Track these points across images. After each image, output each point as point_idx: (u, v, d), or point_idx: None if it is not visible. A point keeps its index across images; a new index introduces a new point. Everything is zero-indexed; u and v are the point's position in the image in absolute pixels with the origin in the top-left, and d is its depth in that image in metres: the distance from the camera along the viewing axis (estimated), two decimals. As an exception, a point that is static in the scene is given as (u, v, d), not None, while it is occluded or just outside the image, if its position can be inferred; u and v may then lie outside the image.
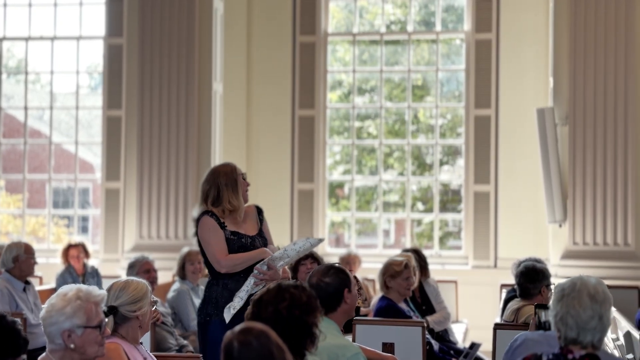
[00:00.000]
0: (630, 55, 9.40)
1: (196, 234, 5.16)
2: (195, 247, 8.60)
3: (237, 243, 5.09)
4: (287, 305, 3.26)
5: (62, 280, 8.94)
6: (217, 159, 10.37)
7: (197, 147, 10.21)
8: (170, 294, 7.70)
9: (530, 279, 5.76)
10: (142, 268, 7.24)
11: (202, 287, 7.93)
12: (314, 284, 4.13)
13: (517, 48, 10.91)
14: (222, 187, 5.18)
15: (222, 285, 5.05)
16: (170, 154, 10.19)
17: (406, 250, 8.47)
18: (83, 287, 3.48)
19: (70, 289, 3.46)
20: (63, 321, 3.37)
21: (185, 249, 8.05)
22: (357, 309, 7.16)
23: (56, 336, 3.39)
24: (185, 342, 6.90)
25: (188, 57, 10.20)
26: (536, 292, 5.71)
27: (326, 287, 4.11)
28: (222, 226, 5.09)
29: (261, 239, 5.22)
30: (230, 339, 2.74)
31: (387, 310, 6.67)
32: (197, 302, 7.63)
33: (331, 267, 4.24)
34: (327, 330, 3.72)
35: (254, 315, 3.29)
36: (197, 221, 5.12)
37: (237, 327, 2.78)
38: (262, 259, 5.00)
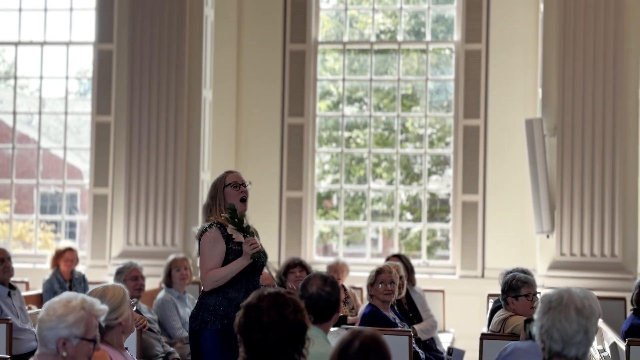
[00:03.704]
0: (618, 67, 9.45)
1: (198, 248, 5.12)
2: (182, 254, 8.61)
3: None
4: (292, 310, 3.27)
5: (49, 285, 8.92)
6: (205, 166, 10.36)
7: (186, 153, 10.20)
8: (155, 302, 7.67)
9: (502, 289, 5.85)
10: (129, 275, 7.21)
11: (190, 295, 7.93)
12: (314, 293, 4.14)
13: (506, 59, 10.95)
14: (210, 200, 5.16)
15: (222, 294, 4.99)
16: (159, 160, 10.17)
17: (391, 256, 8.49)
18: (87, 298, 3.45)
19: (74, 297, 3.43)
20: (62, 328, 3.35)
21: (172, 256, 8.03)
22: (344, 318, 7.17)
23: (50, 341, 3.37)
24: (171, 349, 6.88)
25: (178, 64, 10.19)
26: (506, 303, 5.78)
27: (328, 297, 4.15)
28: (228, 238, 5.02)
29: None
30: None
31: (372, 317, 6.68)
32: (184, 310, 7.62)
33: (327, 277, 4.27)
34: (317, 339, 3.74)
35: (250, 320, 3.28)
36: (202, 233, 5.05)
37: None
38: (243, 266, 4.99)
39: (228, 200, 5.13)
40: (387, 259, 8.35)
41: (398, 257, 8.46)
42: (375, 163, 11.88)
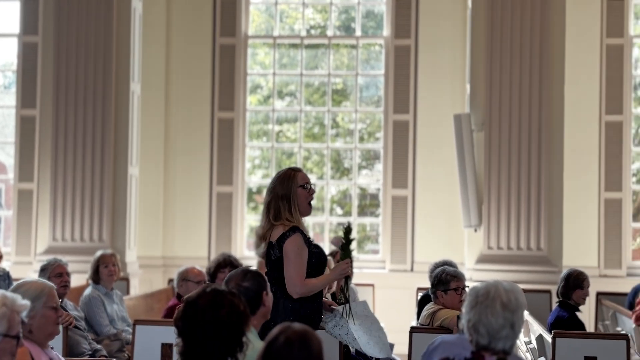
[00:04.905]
0: (545, 63, 9.61)
1: (273, 248, 4.87)
2: (110, 250, 8.48)
3: (323, 257, 4.96)
4: (227, 312, 3.23)
5: (-30, 283, 8.70)
6: (134, 161, 10.23)
7: (114, 148, 10.04)
8: (82, 299, 7.54)
9: (431, 283, 5.92)
10: (54, 271, 7.06)
11: (118, 292, 7.81)
12: (233, 289, 4.09)
13: (435, 54, 11.05)
14: (279, 200, 4.87)
15: (309, 301, 4.87)
16: (86, 154, 9.99)
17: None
18: (8, 294, 3.36)
19: None
20: None
21: (99, 252, 7.89)
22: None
23: None
24: (98, 346, 6.77)
25: (105, 57, 10.02)
26: (435, 297, 5.86)
27: (246, 292, 4.09)
28: (309, 242, 4.88)
29: None
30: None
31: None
32: (112, 307, 7.50)
33: (248, 271, 4.22)
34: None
35: (187, 316, 3.25)
36: (285, 237, 4.81)
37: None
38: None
39: (296, 202, 4.91)
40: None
41: (330, 252, 8.48)
42: (306, 157, 11.88)
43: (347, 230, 4.96)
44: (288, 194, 4.86)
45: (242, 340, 3.26)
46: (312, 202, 4.99)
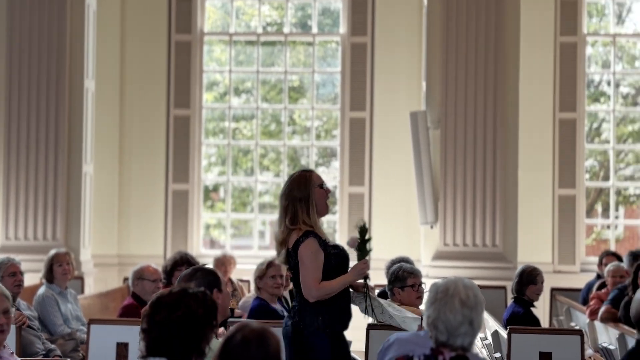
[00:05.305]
0: (499, 61, 9.69)
1: (291, 255, 4.81)
2: (64, 249, 8.37)
3: (342, 257, 4.86)
4: (180, 315, 3.19)
5: None
6: (88, 158, 10.12)
7: (68, 145, 9.92)
8: (36, 298, 7.44)
9: (388, 280, 5.93)
10: (7, 271, 6.95)
11: (72, 291, 7.72)
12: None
13: (391, 52, 11.09)
14: (297, 202, 4.79)
15: (330, 303, 4.80)
16: (39, 152, 9.86)
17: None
18: None
19: None
20: None
21: (53, 251, 7.79)
22: (232, 311, 7.11)
23: None
24: (52, 346, 6.69)
25: (59, 53, 9.89)
26: (392, 294, 5.86)
27: None
28: (325, 244, 4.79)
29: None
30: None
31: (260, 311, 6.67)
32: (66, 306, 7.41)
33: (197, 270, 4.16)
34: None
35: (149, 315, 3.22)
36: (298, 243, 4.75)
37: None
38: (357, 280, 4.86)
39: (314, 203, 4.84)
40: None
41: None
42: (262, 155, 11.85)
43: (363, 229, 4.91)
44: (307, 196, 4.81)
45: (194, 346, 3.19)
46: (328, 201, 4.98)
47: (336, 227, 11.35)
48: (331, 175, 11.79)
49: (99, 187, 10.82)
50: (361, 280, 4.96)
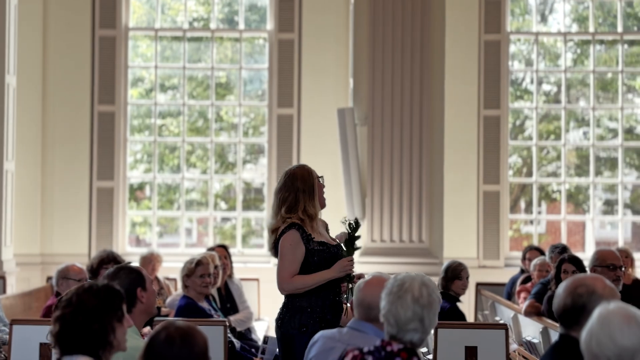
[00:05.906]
0: (425, 58, 9.78)
1: (277, 245, 4.83)
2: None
3: (326, 253, 4.85)
4: (71, 311, 3.13)
5: None
6: (10, 155, 9.89)
7: (-12, 142, 9.68)
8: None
9: None
10: None
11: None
12: None
13: (318, 49, 11.10)
14: (300, 193, 4.87)
15: (314, 294, 4.78)
16: (-42, 149, 9.60)
17: (213, 248, 8.44)
18: None
19: None
20: None
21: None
22: (158, 309, 7.03)
23: None
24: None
25: (-22, 48, 9.65)
26: None
27: None
28: (308, 238, 4.79)
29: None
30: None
31: (188, 309, 6.63)
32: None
33: (120, 268, 4.11)
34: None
35: (53, 316, 3.19)
36: (282, 234, 4.79)
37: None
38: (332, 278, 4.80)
39: (316, 194, 4.94)
40: (212, 249, 8.28)
41: (223, 247, 8.46)
42: (189, 152, 11.75)
43: (354, 226, 4.91)
44: (311, 187, 4.95)
45: (98, 339, 3.15)
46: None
47: (264, 224, 11.32)
48: (259, 172, 11.75)
49: (21, 185, 10.60)
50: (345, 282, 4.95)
